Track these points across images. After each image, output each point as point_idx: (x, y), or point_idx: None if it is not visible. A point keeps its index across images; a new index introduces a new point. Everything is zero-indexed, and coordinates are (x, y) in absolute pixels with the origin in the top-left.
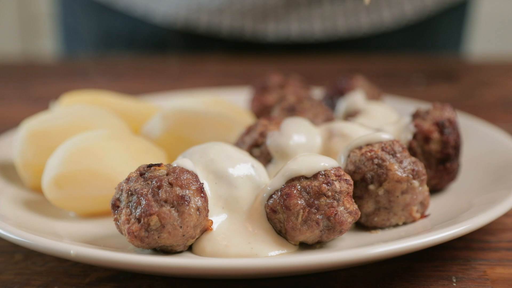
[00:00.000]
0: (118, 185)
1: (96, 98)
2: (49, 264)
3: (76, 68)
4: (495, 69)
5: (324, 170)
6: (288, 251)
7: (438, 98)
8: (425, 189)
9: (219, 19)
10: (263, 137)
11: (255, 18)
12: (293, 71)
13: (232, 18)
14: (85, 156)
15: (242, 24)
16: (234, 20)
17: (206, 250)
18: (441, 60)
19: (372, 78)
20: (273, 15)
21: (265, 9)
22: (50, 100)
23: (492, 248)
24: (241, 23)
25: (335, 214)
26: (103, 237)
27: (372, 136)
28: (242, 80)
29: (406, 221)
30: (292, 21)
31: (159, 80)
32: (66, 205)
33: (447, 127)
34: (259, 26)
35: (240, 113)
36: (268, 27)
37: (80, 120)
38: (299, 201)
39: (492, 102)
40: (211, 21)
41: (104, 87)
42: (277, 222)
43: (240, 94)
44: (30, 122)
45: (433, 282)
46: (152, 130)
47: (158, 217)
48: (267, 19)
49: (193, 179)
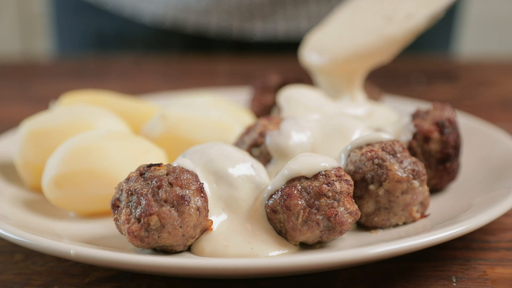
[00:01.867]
0: (118, 185)
1: (96, 98)
2: (49, 264)
3: (76, 68)
4: (495, 69)
5: (325, 170)
6: (288, 251)
7: (438, 98)
8: (425, 189)
9: (207, 19)
10: (262, 137)
11: (242, 17)
12: (288, 70)
13: (219, 18)
14: (85, 156)
15: (230, 23)
16: (221, 20)
17: (205, 251)
18: (441, 60)
19: (372, 78)
20: (260, 14)
21: (251, 7)
22: (50, 100)
23: (492, 248)
24: (228, 22)
25: (335, 215)
26: (103, 237)
27: (372, 136)
28: (242, 80)
29: (406, 221)
30: (279, 20)
31: (159, 80)
32: (66, 205)
33: (447, 127)
34: (246, 25)
35: (240, 113)
36: (255, 26)
37: (80, 120)
38: (300, 202)
39: (492, 102)
40: (198, 21)
41: (104, 87)
42: (277, 222)
43: (240, 94)
44: (30, 122)
45: (433, 282)
46: (152, 130)
47: (158, 217)
48: (254, 18)
49: (193, 179)
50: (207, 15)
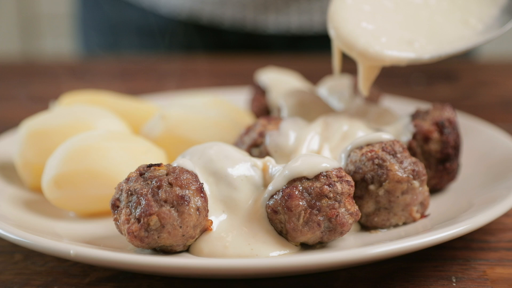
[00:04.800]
0: (118, 185)
1: (96, 98)
2: (49, 264)
3: (76, 68)
4: (495, 69)
5: (326, 171)
6: (289, 252)
7: (438, 98)
8: (425, 189)
9: (222, 10)
10: (262, 137)
11: (256, 9)
12: (292, 69)
13: (233, 9)
14: (85, 156)
15: (244, 15)
16: (236, 11)
17: (204, 251)
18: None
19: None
20: (274, 7)
21: (265, 0)
22: (50, 100)
23: (492, 248)
24: (243, 14)
25: (336, 216)
26: (103, 237)
27: (372, 136)
28: (242, 80)
29: (406, 221)
30: (292, 13)
31: (160, 80)
32: (66, 205)
33: (447, 127)
34: (260, 17)
35: (240, 113)
36: (269, 19)
37: (80, 120)
38: (301, 202)
39: (492, 102)
40: (213, 12)
41: (104, 87)
42: (278, 222)
43: (240, 94)
44: (30, 122)
45: (433, 282)
46: (152, 130)
47: (158, 217)
48: (268, 11)
49: (193, 179)
50: (222, 6)
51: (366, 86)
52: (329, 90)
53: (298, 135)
